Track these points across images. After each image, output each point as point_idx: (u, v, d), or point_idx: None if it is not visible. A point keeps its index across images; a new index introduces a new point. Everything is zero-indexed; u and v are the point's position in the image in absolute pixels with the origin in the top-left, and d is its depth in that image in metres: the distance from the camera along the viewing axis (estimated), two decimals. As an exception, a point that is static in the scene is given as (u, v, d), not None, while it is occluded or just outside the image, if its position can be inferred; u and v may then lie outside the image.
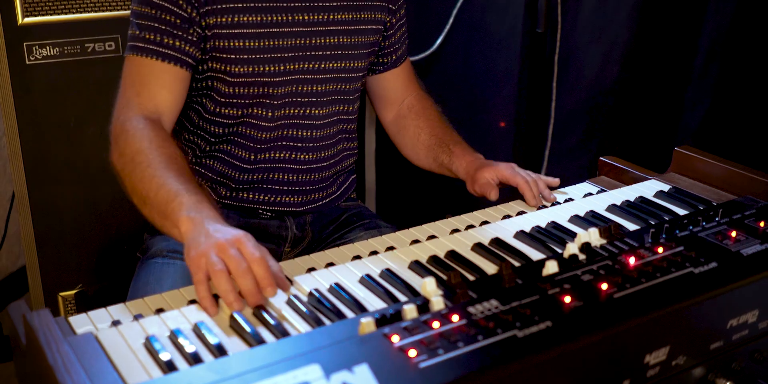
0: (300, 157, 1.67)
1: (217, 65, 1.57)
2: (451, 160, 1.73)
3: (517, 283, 1.19)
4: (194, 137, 1.68)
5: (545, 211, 1.53)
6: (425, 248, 1.38)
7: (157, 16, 1.52)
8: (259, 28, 1.56)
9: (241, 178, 1.66)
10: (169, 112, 1.55)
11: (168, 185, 1.34)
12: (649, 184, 1.62)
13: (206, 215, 1.27)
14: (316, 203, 1.73)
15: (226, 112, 1.62)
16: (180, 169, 1.40)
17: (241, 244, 1.20)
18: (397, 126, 1.86)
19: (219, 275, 1.17)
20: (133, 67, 1.55)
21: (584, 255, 1.27)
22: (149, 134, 1.45)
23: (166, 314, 1.18)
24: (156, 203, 1.34)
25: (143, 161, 1.40)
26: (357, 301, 1.21)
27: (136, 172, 1.40)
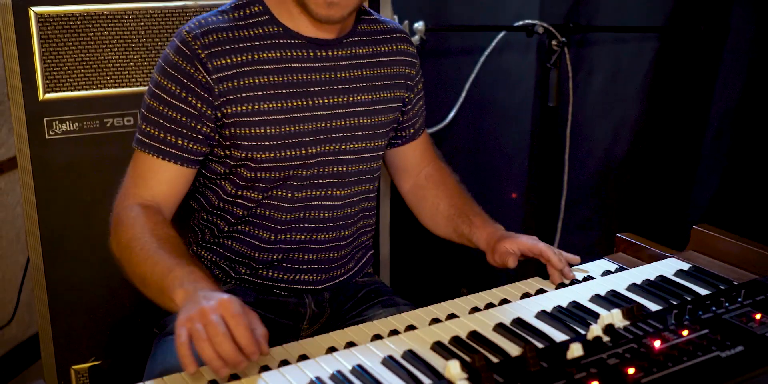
0: (320, 237, 1.68)
1: (240, 153, 1.57)
2: (471, 230, 1.74)
3: (542, 367, 1.18)
4: (213, 218, 1.69)
5: (566, 290, 1.52)
6: (446, 328, 1.37)
7: (164, 113, 1.53)
8: (279, 115, 1.57)
9: (261, 257, 1.66)
10: (166, 203, 1.57)
11: (162, 262, 1.37)
12: (668, 263, 1.62)
13: (200, 286, 1.29)
14: (334, 281, 1.72)
15: (248, 194, 1.63)
16: (173, 246, 1.42)
17: (224, 309, 1.21)
18: (415, 196, 1.87)
19: (202, 344, 1.18)
20: (136, 160, 1.58)
21: (608, 337, 1.26)
22: (143, 220, 1.48)
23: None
24: (153, 281, 1.37)
25: (137, 245, 1.43)
26: (380, 383, 1.19)
27: (132, 256, 1.43)
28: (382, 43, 1.71)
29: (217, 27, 1.54)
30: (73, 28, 1.81)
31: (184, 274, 1.33)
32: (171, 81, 1.53)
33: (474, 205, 1.81)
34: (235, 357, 1.17)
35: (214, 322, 1.18)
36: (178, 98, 1.52)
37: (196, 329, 1.19)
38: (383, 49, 1.70)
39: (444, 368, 1.21)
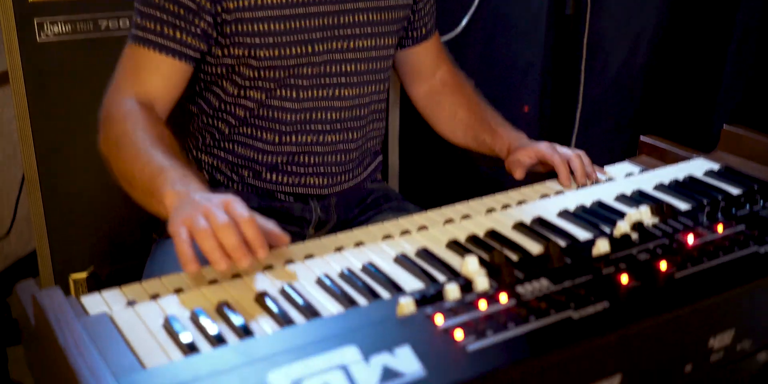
0: (327, 139, 1.58)
1: (241, 51, 1.47)
2: (494, 140, 1.64)
3: (567, 263, 1.09)
4: (215, 121, 1.59)
5: (588, 190, 1.43)
6: (462, 228, 1.29)
7: (161, 5, 1.42)
8: (284, 9, 1.46)
9: (265, 160, 1.57)
10: (162, 100, 1.46)
11: (153, 162, 1.26)
12: (696, 164, 1.52)
13: (193, 188, 1.19)
14: (341, 185, 1.64)
15: (251, 95, 1.53)
16: (167, 147, 1.31)
17: (228, 205, 1.11)
18: (430, 102, 1.77)
19: (202, 233, 1.07)
20: (130, 56, 1.46)
21: (637, 234, 1.18)
22: (135, 116, 1.37)
23: (186, 294, 1.09)
24: (142, 182, 1.25)
25: (127, 142, 1.32)
26: (392, 280, 1.11)
27: (121, 155, 1.32)
28: None
29: None
30: None
31: (177, 176, 1.22)
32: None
33: (495, 113, 1.71)
34: (241, 249, 1.07)
35: (217, 214, 1.09)
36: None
37: (196, 222, 1.08)
38: None
39: (461, 266, 1.13)
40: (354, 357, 0.88)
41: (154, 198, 1.22)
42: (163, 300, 1.07)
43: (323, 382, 0.84)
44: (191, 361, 0.90)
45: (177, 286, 1.17)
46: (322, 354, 0.88)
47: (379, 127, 1.70)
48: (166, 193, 1.19)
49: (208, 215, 1.09)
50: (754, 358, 1.11)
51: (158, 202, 1.21)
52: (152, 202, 1.24)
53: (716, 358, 1.05)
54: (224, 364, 0.88)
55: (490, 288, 1.03)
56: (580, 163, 1.52)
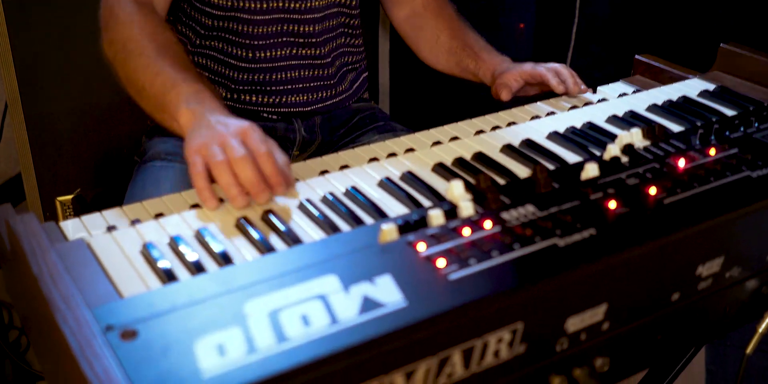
0: (301, 53, 1.53)
1: None
2: (477, 65, 1.59)
3: (554, 188, 1.07)
4: (186, 29, 1.56)
5: (579, 111, 1.39)
6: (449, 150, 1.26)
7: None
8: None
9: (241, 78, 1.52)
10: (159, 1, 1.41)
11: (164, 74, 1.22)
12: (691, 84, 1.48)
13: (208, 106, 1.15)
14: (324, 102, 1.60)
15: (215, 1, 1.48)
16: (175, 56, 1.28)
17: (246, 135, 1.08)
18: (411, 26, 1.71)
19: (219, 166, 1.05)
20: None
21: (627, 157, 1.15)
22: (140, 20, 1.32)
23: (165, 219, 1.07)
24: (153, 95, 1.22)
25: (135, 49, 1.28)
26: (376, 205, 1.09)
27: (129, 62, 1.28)
28: None
29: None
30: None
31: (191, 92, 1.19)
32: None
33: (478, 37, 1.66)
34: (259, 185, 1.04)
35: (234, 146, 1.06)
36: None
37: (212, 153, 1.05)
38: None
39: (446, 190, 1.11)
40: (333, 286, 0.86)
41: (167, 114, 1.19)
42: (143, 226, 1.05)
43: (301, 312, 0.82)
44: (168, 290, 0.87)
45: (158, 211, 1.15)
46: (301, 283, 0.86)
47: (355, 44, 1.66)
48: (181, 111, 1.15)
49: (225, 146, 1.06)
50: (743, 285, 1.09)
51: (172, 118, 1.18)
52: (165, 118, 1.21)
53: (704, 286, 1.04)
54: (202, 293, 0.86)
55: (475, 214, 1.00)
56: (569, 71, 1.49)
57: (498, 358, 0.89)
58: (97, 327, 0.79)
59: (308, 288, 0.86)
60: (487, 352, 0.88)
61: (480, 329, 0.86)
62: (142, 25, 1.31)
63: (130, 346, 0.78)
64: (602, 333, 0.98)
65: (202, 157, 1.06)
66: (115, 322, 0.82)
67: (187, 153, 1.08)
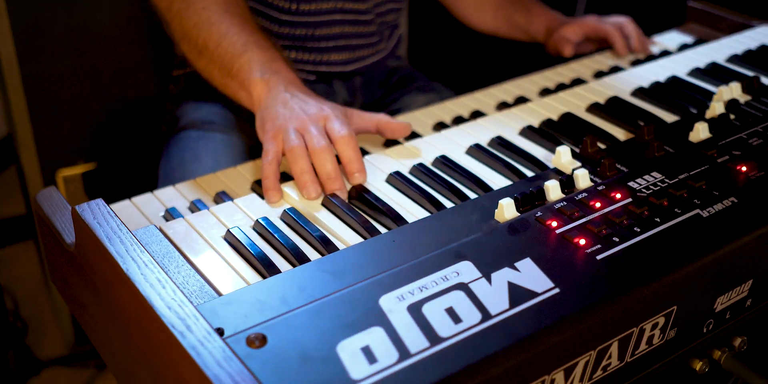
0: (347, 7, 1.40)
1: None
2: (529, 19, 1.48)
3: (668, 151, 0.97)
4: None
5: (653, 64, 1.29)
6: (530, 111, 1.15)
7: None
8: None
9: (282, 32, 1.39)
10: None
11: (232, 36, 1.09)
12: (763, 31, 1.38)
13: (283, 78, 1.04)
14: (364, 61, 1.47)
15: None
16: (244, 14, 1.15)
17: (327, 120, 0.98)
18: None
19: (295, 151, 0.95)
20: None
21: (734, 115, 1.05)
22: None
23: (242, 200, 0.95)
24: (218, 57, 1.10)
25: (198, 1, 1.14)
26: (474, 176, 0.98)
27: (189, 14, 1.14)
28: None
29: None
30: None
31: (264, 59, 1.07)
32: None
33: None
34: (337, 179, 0.94)
35: (315, 134, 0.96)
36: None
37: (290, 140, 0.96)
38: None
39: (549, 157, 1.01)
40: (472, 274, 0.75)
41: (235, 81, 1.08)
42: (219, 208, 0.93)
43: (445, 306, 0.72)
44: (274, 283, 0.76)
45: (218, 189, 1.04)
46: (435, 272, 0.76)
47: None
48: (253, 81, 1.05)
49: (304, 132, 0.96)
50: None
51: (240, 87, 1.07)
52: (231, 85, 1.09)
53: None
54: (317, 286, 0.75)
55: (593, 184, 0.90)
56: (634, 27, 1.39)
57: (649, 346, 0.80)
58: (212, 332, 0.68)
59: (444, 277, 0.75)
60: (641, 340, 0.78)
61: (638, 315, 0.76)
62: None
63: (262, 355, 0.67)
64: (745, 310, 0.89)
65: (277, 145, 0.97)
66: (224, 325, 0.71)
67: (263, 134, 0.99)
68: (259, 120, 1.01)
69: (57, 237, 0.91)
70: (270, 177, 0.96)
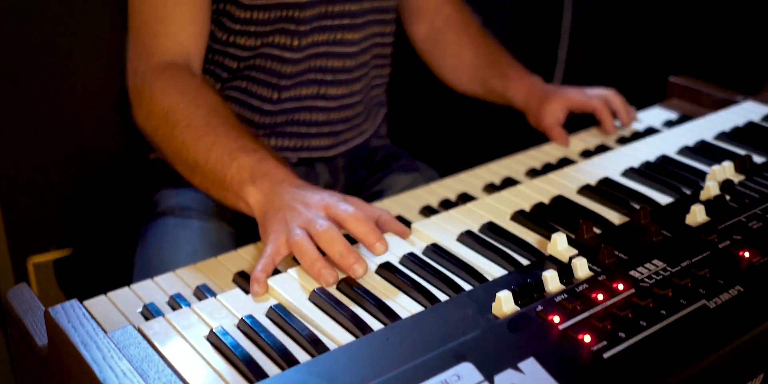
0: (330, 93, 1.37)
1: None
2: (506, 85, 1.45)
3: (666, 236, 0.94)
4: (206, 75, 1.37)
5: (641, 143, 1.27)
6: (520, 194, 1.11)
7: None
8: None
9: (262, 121, 1.36)
10: (196, 49, 1.24)
11: (218, 147, 1.07)
12: (749, 107, 1.37)
13: (274, 178, 1.02)
14: (348, 144, 1.44)
15: (241, 42, 1.31)
16: (227, 122, 1.12)
17: (327, 208, 0.95)
18: (432, 43, 1.56)
19: (300, 244, 0.92)
20: (142, 0, 1.23)
21: (729, 195, 1.03)
22: (180, 85, 1.17)
23: (225, 296, 0.90)
24: (209, 171, 1.08)
25: (180, 120, 1.12)
26: (469, 266, 0.94)
27: (175, 135, 1.12)
28: None
29: None
30: None
31: (253, 162, 1.04)
32: None
33: (505, 53, 1.52)
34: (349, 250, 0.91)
35: (318, 221, 0.93)
36: None
37: (293, 235, 0.93)
38: None
39: (538, 242, 0.98)
40: (474, 377, 0.71)
41: (230, 192, 1.05)
42: (201, 306, 0.89)
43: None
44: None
45: (200, 282, 1.00)
46: (435, 376, 0.71)
47: (384, 75, 1.50)
48: (247, 191, 1.02)
49: (307, 225, 0.94)
50: None
51: (237, 197, 1.05)
52: (227, 196, 1.07)
53: None
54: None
55: (592, 274, 0.87)
56: (620, 101, 1.37)
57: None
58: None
59: (444, 381, 0.71)
60: (653, 443, 0.74)
61: (650, 418, 0.72)
62: (184, 90, 1.16)
63: None
64: (757, 407, 0.85)
65: (280, 244, 0.94)
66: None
67: (272, 245, 0.95)
68: (261, 227, 0.99)
69: (28, 338, 0.86)
70: (260, 269, 0.92)
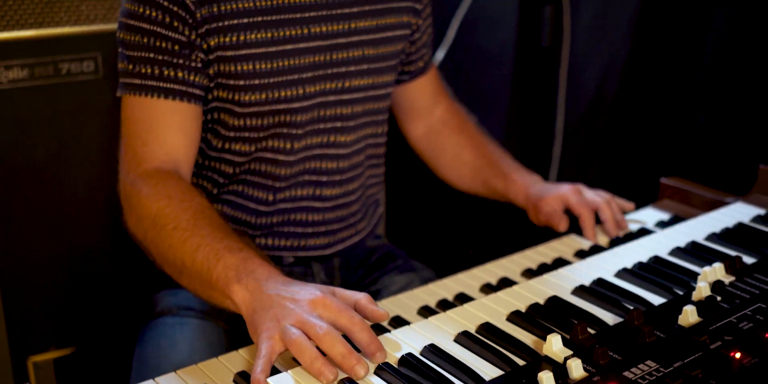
0: (325, 194, 1.41)
1: (224, 94, 1.31)
2: (506, 185, 1.49)
3: (659, 336, 0.96)
4: (198, 179, 1.41)
5: (633, 244, 1.29)
6: (516, 294, 1.14)
7: (151, 45, 1.25)
8: (270, 47, 1.29)
9: (258, 222, 1.39)
10: (185, 157, 1.29)
11: (204, 247, 1.10)
12: (739, 208, 1.41)
13: (260, 276, 1.04)
14: (344, 243, 1.47)
15: (236, 148, 1.36)
16: (212, 222, 1.16)
17: (322, 305, 0.98)
18: (430, 143, 1.61)
19: (298, 343, 0.93)
20: (133, 110, 1.28)
21: (720, 296, 1.05)
22: (168, 190, 1.21)
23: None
24: (195, 272, 1.10)
25: (168, 223, 1.16)
26: (466, 367, 0.95)
27: (162, 238, 1.16)
28: None
29: None
30: (19, -48, 1.51)
31: (238, 261, 1.07)
32: (148, 6, 1.24)
33: (503, 154, 1.57)
34: (350, 351, 0.93)
35: (315, 323, 0.95)
36: (161, 25, 1.24)
37: (289, 334, 0.95)
38: None
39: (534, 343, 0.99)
40: None
41: (216, 291, 1.07)
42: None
43: None
44: None
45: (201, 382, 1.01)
46: None
47: (378, 174, 1.54)
48: (233, 289, 1.04)
49: (304, 325, 0.95)
50: None
51: (223, 296, 1.07)
52: (214, 296, 1.09)
53: None
54: None
55: (587, 375, 0.89)
56: (610, 212, 1.40)
57: None
58: None
59: None
60: None
61: None
62: (170, 195, 1.20)
63: None
64: None
65: (274, 343, 0.95)
66: None
67: (257, 339, 0.97)
68: (251, 326, 1.00)
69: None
70: (259, 370, 0.94)
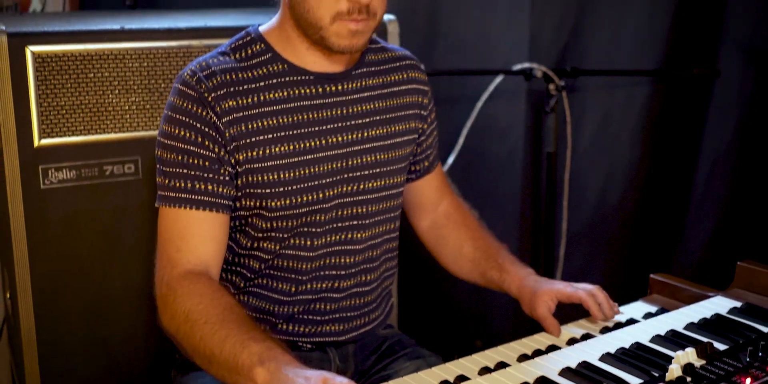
0: (342, 285, 1.56)
1: (252, 202, 1.47)
2: (502, 277, 1.63)
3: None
4: (229, 275, 1.57)
5: (620, 332, 1.42)
6: (509, 375, 1.26)
7: (184, 162, 1.43)
8: (293, 158, 1.47)
9: (280, 311, 1.54)
10: (215, 261, 1.46)
11: (232, 338, 1.26)
12: (717, 301, 1.54)
13: (281, 361, 1.19)
14: (359, 330, 1.61)
15: (264, 246, 1.52)
16: (239, 318, 1.32)
17: (327, 382, 1.11)
18: (434, 235, 1.76)
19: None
20: (168, 220, 1.45)
21: (690, 377, 1.17)
22: (199, 289, 1.37)
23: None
24: (223, 360, 1.25)
25: (199, 319, 1.31)
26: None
27: (194, 331, 1.31)
28: (392, 72, 1.61)
29: (220, 69, 1.44)
30: (71, 68, 1.71)
31: (262, 349, 1.22)
32: (182, 127, 1.43)
33: (500, 247, 1.71)
34: None
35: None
36: (194, 144, 1.42)
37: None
38: (394, 79, 1.61)
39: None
40: None
41: (241, 375, 1.21)
42: None
43: None
44: None
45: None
46: None
47: (393, 266, 1.68)
48: (256, 371, 1.19)
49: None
50: None
51: (247, 379, 1.21)
52: (239, 380, 1.23)
53: None
54: None
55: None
56: (604, 295, 1.52)
57: None
58: None
59: None
60: None
61: None
62: (202, 293, 1.35)
63: None
64: None
65: None
66: None
67: None
68: None
69: None
70: None
